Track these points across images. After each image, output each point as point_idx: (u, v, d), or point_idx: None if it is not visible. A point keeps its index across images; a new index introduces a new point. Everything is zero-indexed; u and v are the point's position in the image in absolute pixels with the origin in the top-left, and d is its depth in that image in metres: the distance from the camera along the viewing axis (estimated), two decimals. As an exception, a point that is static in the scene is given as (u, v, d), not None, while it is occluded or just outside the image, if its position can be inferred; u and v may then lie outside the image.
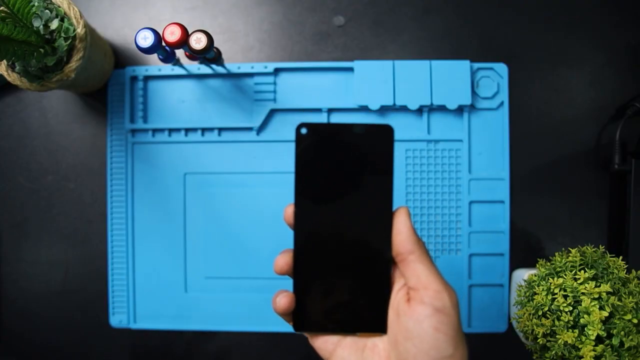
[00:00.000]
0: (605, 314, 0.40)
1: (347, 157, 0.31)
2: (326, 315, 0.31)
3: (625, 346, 0.40)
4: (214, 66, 0.56)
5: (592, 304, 0.41)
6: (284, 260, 0.31)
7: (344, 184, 0.31)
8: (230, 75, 0.56)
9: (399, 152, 0.56)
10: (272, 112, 0.56)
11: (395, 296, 0.30)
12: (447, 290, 0.28)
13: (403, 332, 0.28)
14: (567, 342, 0.41)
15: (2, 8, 0.41)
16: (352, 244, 0.31)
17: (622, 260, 0.44)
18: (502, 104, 0.56)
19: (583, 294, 0.41)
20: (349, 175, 0.31)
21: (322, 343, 0.32)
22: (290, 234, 0.53)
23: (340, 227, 0.31)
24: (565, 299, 0.42)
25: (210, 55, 0.51)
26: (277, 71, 0.56)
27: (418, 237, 0.30)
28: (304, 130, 0.31)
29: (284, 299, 0.31)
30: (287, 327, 0.55)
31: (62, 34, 0.45)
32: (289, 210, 0.31)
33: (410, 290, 0.29)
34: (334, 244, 0.31)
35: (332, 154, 0.31)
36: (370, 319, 0.31)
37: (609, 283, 0.41)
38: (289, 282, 0.31)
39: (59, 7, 0.47)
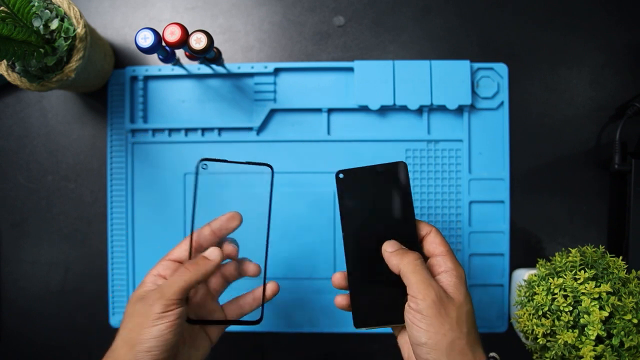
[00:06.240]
0: (605, 314, 0.40)
1: (376, 190, 0.41)
2: (374, 314, 0.41)
3: (625, 346, 0.40)
4: (214, 66, 0.56)
5: (592, 304, 0.41)
6: (338, 277, 0.42)
7: (377, 211, 0.41)
8: (230, 75, 0.56)
9: (399, 152, 0.56)
10: (272, 112, 0.56)
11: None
12: (420, 294, 0.37)
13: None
14: (567, 342, 0.41)
15: (2, 8, 0.41)
16: None
17: (622, 260, 0.44)
18: (502, 104, 0.56)
19: (583, 294, 0.41)
20: (380, 202, 0.41)
21: None
22: (286, 236, 0.53)
23: (378, 245, 0.40)
24: (565, 299, 0.42)
25: (210, 55, 0.51)
26: (277, 71, 0.56)
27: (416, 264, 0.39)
28: (341, 175, 0.42)
29: (343, 300, 0.42)
30: (285, 327, 0.55)
31: (62, 34, 0.45)
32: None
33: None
34: (375, 259, 0.40)
35: (364, 189, 0.41)
36: (399, 314, 0.39)
37: (609, 283, 0.41)
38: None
39: (59, 7, 0.46)
